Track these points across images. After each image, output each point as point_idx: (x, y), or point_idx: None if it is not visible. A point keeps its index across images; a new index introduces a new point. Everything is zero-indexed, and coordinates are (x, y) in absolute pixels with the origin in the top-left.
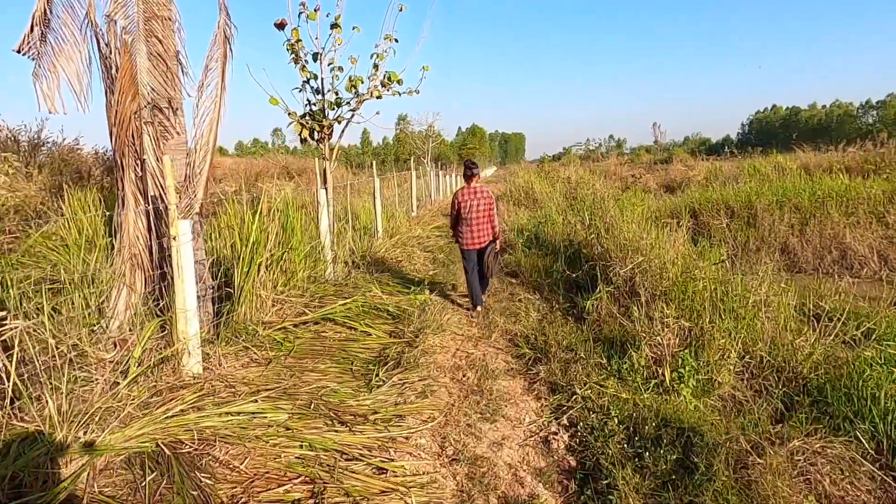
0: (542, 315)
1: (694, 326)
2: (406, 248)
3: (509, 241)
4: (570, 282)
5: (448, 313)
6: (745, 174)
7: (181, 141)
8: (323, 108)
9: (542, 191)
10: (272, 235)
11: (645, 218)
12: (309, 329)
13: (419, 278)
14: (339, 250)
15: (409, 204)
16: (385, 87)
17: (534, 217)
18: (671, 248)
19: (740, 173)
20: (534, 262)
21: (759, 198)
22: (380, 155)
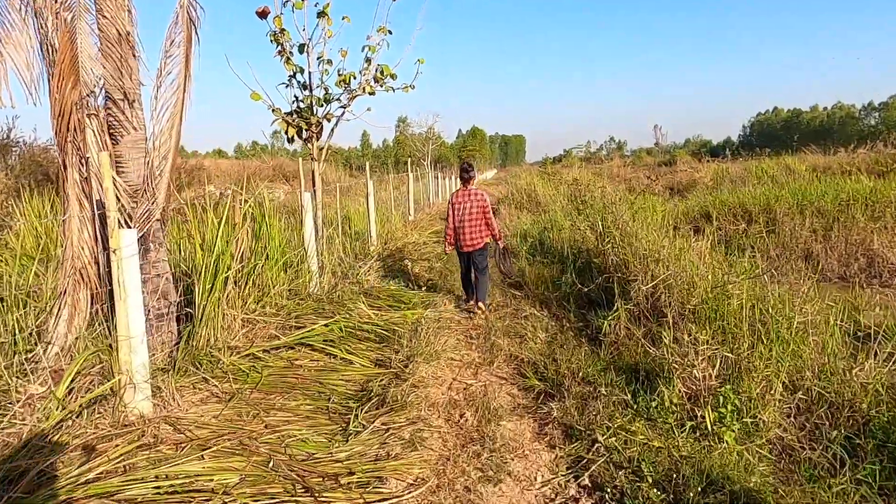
0: (552, 336)
1: (731, 353)
2: (401, 255)
3: (512, 247)
4: (581, 296)
5: (444, 334)
6: (752, 176)
7: (139, 137)
8: (311, 104)
9: (546, 193)
10: (243, 244)
11: (665, 225)
12: (281, 356)
13: (413, 289)
14: (327, 259)
15: (405, 207)
16: (378, 83)
17: (538, 221)
18: (698, 259)
19: (748, 175)
20: (539, 272)
21: (778, 201)
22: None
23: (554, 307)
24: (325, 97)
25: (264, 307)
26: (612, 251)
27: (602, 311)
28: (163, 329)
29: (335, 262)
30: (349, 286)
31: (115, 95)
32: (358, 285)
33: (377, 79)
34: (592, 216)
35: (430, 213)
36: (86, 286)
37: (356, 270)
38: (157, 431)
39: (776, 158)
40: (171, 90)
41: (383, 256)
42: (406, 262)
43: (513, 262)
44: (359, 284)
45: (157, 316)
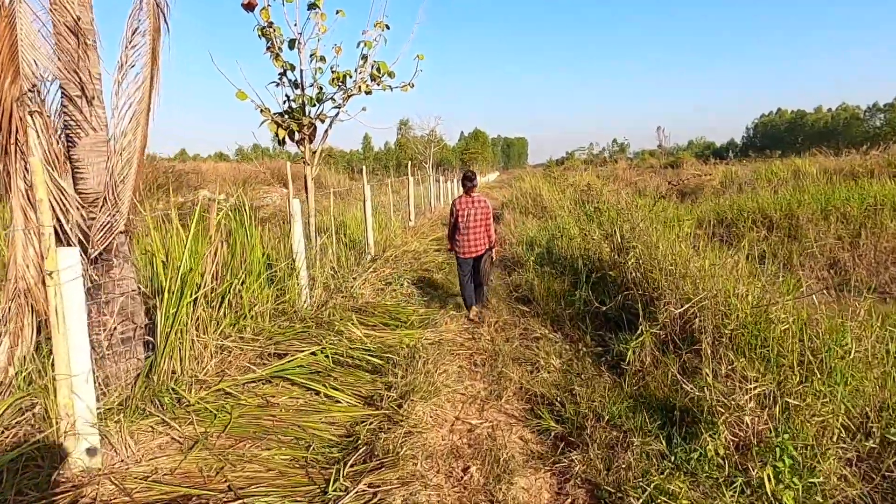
0: (567, 362)
1: (780, 389)
2: (399, 266)
3: (517, 256)
4: (597, 315)
5: (445, 361)
6: (762, 179)
7: (99, 139)
8: (303, 104)
9: (552, 198)
10: (218, 258)
11: (691, 235)
12: (257, 391)
13: (412, 304)
14: (318, 272)
15: (406, 212)
16: (375, 81)
17: (545, 228)
18: (733, 274)
19: (758, 178)
20: (549, 285)
21: (801, 206)
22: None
23: (567, 327)
24: (317, 96)
25: (242, 331)
26: (632, 265)
27: (623, 334)
28: (128, 356)
29: (328, 274)
30: (342, 301)
31: (70, 91)
32: (352, 300)
33: (374, 77)
34: (607, 225)
35: (431, 218)
36: (31, 311)
37: (350, 283)
38: (97, 491)
39: (785, 160)
40: (136, 85)
41: (380, 266)
42: (403, 282)
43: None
44: (353, 299)
45: (123, 340)
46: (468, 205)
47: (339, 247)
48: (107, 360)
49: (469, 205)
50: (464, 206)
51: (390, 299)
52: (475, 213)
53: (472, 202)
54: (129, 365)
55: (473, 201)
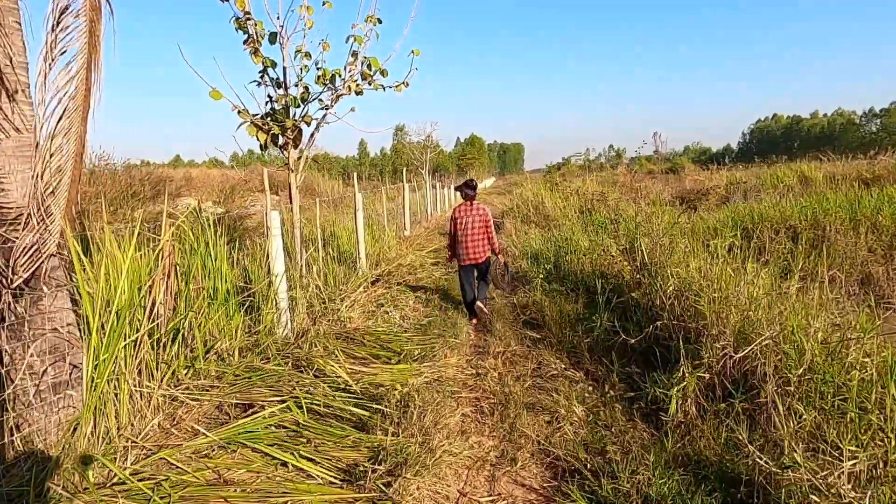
0: (592, 409)
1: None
2: (393, 282)
3: (521, 270)
4: (623, 347)
5: (446, 409)
6: (768, 185)
7: (24, 142)
8: (286, 105)
9: (555, 206)
10: (169, 285)
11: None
12: (209, 462)
13: (407, 329)
14: (301, 294)
15: (401, 221)
16: (366, 80)
17: (549, 239)
18: (797, 305)
19: (763, 183)
20: (561, 308)
21: (827, 215)
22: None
23: (587, 361)
24: (302, 97)
25: (200, 375)
26: (661, 286)
27: (656, 374)
28: (61, 404)
29: (312, 294)
30: (327, 327)
31: None
32: (339, 325)
33: (365, 75)
34: (625, 239)
35: (428, 226)
36: None
37: (337, 306)
38: None
39: (791, 165)
40: (68, 76)
41: (373, 283)
42: (397, 295)
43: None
44: (340, 324)
45: (55, 386)
46: (467, 213)
47: (327, 262)
48: (34, 411)
49: (468, 213)
50: (463, 215)
51: (382, 323)
52: (473, 221)
53: (470, 210)
54: (63, 416)
55: (472, 209)
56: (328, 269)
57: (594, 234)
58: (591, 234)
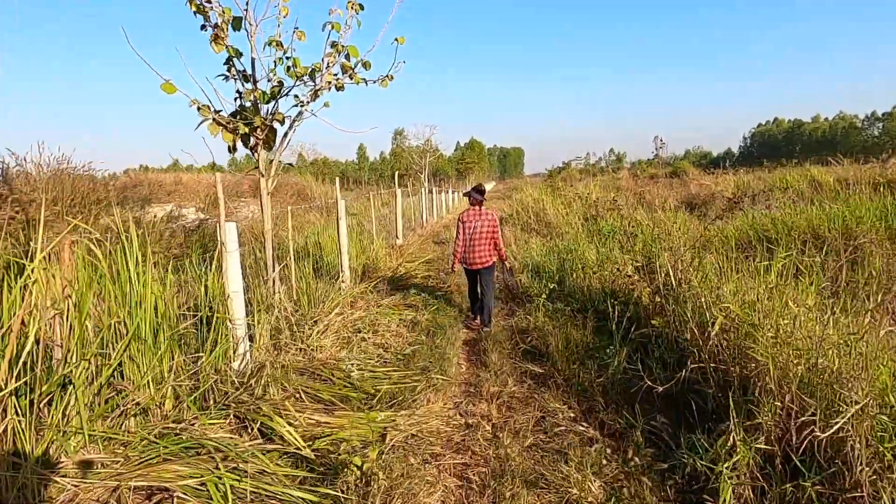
0: (612, 483)
1: None
2: (377, 298)
3: (521, 285)
4: (647, 391)
5: (422, 483)
6: (776, 189)
7: None
8: (255, 101)
9: (557, 212)
10: (68, 324)
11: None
12: None
13: (385, 365)
14: (264, 318)
15: (393, 228)
16: (346, 73)
17: (552, 250)
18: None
19: (771, 187)
20: (567, 334)
21: (860, 224)
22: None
23: (601, 407)
24: (272, 91)
25: (98, 442)
26: (690, 316)
27: (693, 433)
28: None
29: (280, 318)
30: (292, 359)
31: None
32: (306, 356)
33: (346, 68)
34: (641, 255)
35: (423, 234)
36: None
37: (308, 331)
38: None
39: (800, 169)
40: None
41: (354, 301)
42: (378, 317)
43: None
44: (308, 355)
45: None
46: (475, 217)
47: (302, 277)
48: None
49: (476, 217)
50: (471, 218)
51: (358, 354)
52: (481, 226)
53: (479, 215)
54: None
55: (481, 214)
56: (304, 286)
57: (601, 245)
58: (598, 245)
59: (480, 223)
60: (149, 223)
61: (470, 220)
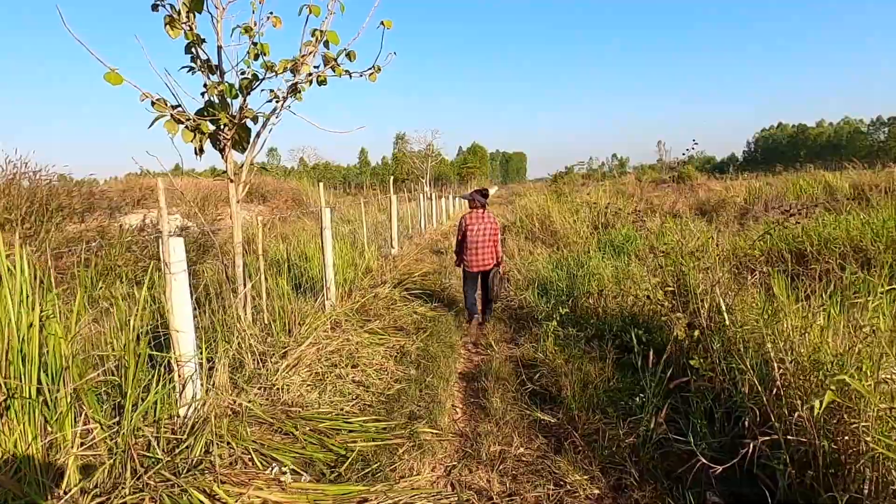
0: None
1: None
2: (363, 321)
3: (526, 304)
4: (686, 454)
5: None
6: (790, 195)
7: None
8: (220, 96)
9: (564, 220)
10: None
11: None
12: None
13: (363, 412)
14: (222, 351)
15: (388, 237)
16: (328, 65)
17: (560, 262)
18: None
19: (784, 193)
20: (585, 370)
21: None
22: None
23: (634, 483)
24: (242, 84)
25: None
26: (750, 364)
27: None
28: None
29: (245, 348)
30: (250, 403)
31: None
32: (271, 396)
33: (328, 59)
34: (671, 271)
35: (421, 243)
36: None
37: (276, 364)
38: None
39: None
40: None
41: (339, 323)
42: (342, 373)
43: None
44: (273, 395)
45: None
46: (478, 220)
47: (280, 294)
48: None
49: (478, 220)
50: (475, 222)
51: (333, 395)
52: (484, 229)
53: (482, 218)
54: None
55: (483, 218)
56: (278, 306)
57: (615, 257)
58: (611, 257)
59: (484, 226)
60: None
61: (474, 222)
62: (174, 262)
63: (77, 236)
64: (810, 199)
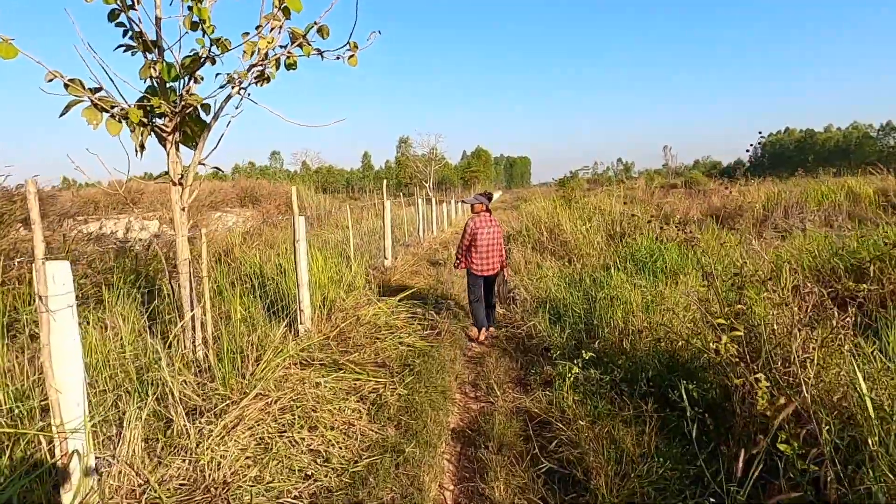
0: None
1: None
2: (340, 354)
3: (537, 334)
4: None
5: None
6: (811, 201)
7: None
8: (158, 78)
9: (576, 229)
10: None
11: None
12: None
13: (320, 499)
14: (133, 412)
15: (381, 246)
16: (296, 42)
17: (574, 279)
18: None
19: (805, 200)
20: (615, 443)
21: None
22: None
23: None
24: (184, 64)
25: None
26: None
27: None
28: None
29: (174, 399)
30: (175, 472)
31: None
32: (195, 471)
33: (295, 36)
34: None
35: (418, 253)
36: None
37: (209, 424)
38: None
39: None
40: None
41: (309, 355)
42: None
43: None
44: (197, 473)
45: None
46: (487, 224)
47: (240, 319)
48: None
49: (488, 224)
50: (483, 226)
51: (277, 471)
52: (490, 233)
53: (490, 222)
54: None
55: (492, 222)
56: (226, 340)
57: (638, 275)
58: (633, 273)
59: (492, 230)
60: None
61: (481, 226)
62: (54, 294)
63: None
64: (833, 207)
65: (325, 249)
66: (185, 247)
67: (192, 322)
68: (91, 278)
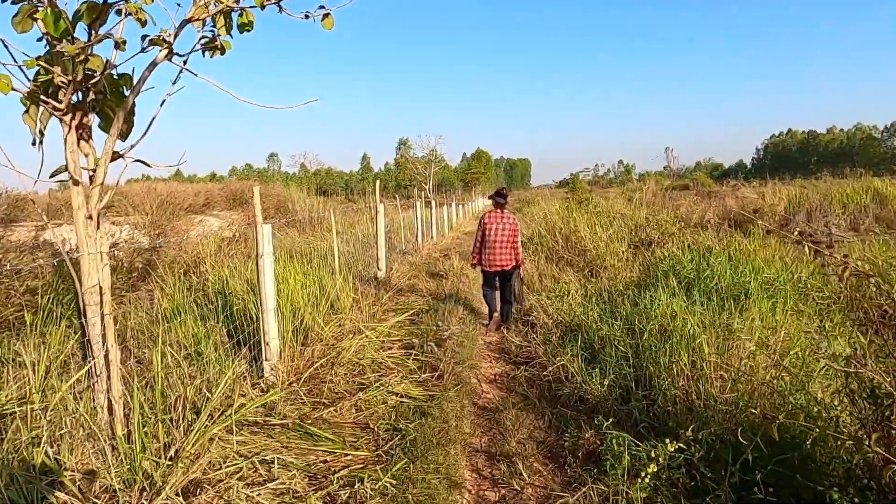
0: None
1: None
2: (313, 407)
3: (567, 377)
4: None
5: None
6: (835, 203)
7: None
8: (47, 36)
9: (595, 236)
10: None
11: None
12: None
13: None
14: None
15: (374, 255)
16: None
17: (602, 297)
18: None
19: (829, 202)
20: None
21: None
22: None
23: None
24: (81, 12)
25: None
26: None
27: None
28: None
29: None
30: None
31: None
32: None
33: None
34: None
35: (416, 262)
36: None
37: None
38: None
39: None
40: None
41: (272, 408)
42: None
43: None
44: None
45: None
46: (497, 219)
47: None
48: None
49: (498, 219)
50: (493, 221)
51: None
52: (503, 229)
53: (501, 217)
54: None
55: (503, 217)
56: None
57: (688, 298)
58: (677, 295)
59: (501, 225)
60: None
61: (491, 221)
62: None
63: None
64: (858, 209)
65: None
66: (95, 269)
67: (105, 369)
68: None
